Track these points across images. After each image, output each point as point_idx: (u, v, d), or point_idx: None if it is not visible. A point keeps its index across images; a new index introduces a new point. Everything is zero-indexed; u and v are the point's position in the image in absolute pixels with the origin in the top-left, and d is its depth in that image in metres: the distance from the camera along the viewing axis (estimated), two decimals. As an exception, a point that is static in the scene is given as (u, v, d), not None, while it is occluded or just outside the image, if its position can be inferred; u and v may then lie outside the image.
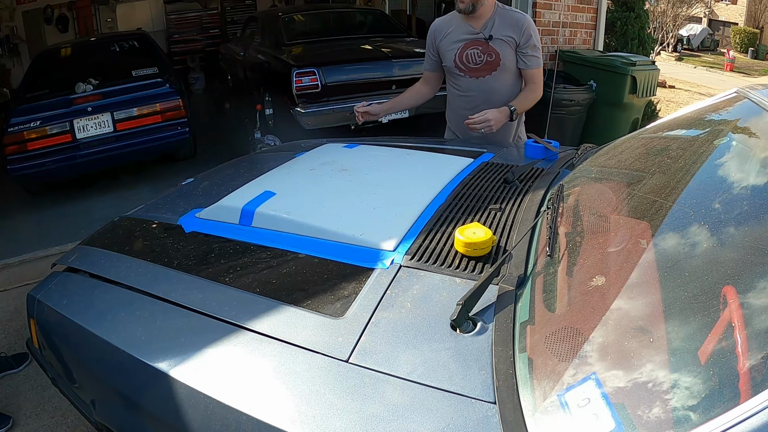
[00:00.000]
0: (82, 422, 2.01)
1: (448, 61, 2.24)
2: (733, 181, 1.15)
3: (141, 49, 5.13)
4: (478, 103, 2.20)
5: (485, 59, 2.17)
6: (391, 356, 0.98)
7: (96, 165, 4.39)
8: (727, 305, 0.79)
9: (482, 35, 2.15)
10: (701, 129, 1.56)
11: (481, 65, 2.18)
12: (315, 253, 1.32)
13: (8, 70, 7.87)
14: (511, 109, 2.13)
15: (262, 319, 1.12)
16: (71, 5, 8.70)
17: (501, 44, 2.14)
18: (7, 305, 2.95)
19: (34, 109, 4.10)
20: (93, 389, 1.33)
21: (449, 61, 2.23)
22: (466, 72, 2.21)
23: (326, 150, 2.04)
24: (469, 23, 2.17)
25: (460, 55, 2.20)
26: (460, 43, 2.19)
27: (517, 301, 1.05)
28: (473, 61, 2.19)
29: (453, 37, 2.21)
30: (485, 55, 2.16)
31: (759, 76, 17.09)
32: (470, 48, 2.18)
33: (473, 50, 2.17)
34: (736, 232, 0.98)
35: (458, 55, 2.20)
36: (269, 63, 5.06)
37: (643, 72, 4.44)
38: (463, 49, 2.19)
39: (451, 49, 2.22)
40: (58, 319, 1.36)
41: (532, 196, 1.46)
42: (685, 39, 22.37)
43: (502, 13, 2.16)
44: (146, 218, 1.71)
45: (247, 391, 0.99)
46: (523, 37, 2.13)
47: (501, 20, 2.14)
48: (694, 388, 0.72)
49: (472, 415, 0.85)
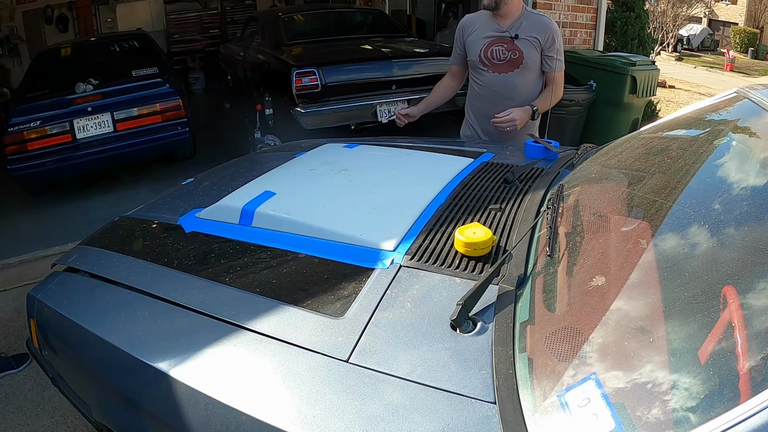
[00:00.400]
0: (82, 422, 2.01)
1: (473, 56, 2.31)
2: (733, 181, 1.15)
3: (141, 49, 5.13)
4: (499, 98, 2.28)
5: (509, 56, 2.24)
6: (391, 356, 0.98)
7: (96, 165, 4.39)
8: (727, 305, 0.79)
9: (508, 34, 2.23)
10: (701, 129, 1.56)
11: (504, 62, 2.26)
12: (315, 253, 1.32)
13: (8, 70, 7.85)
14: (533, 109, 2.23)
15: (262, 319, 1.12)
16: (71, 5, 8.69)
17: (526, 44, 2.22)
18: (7, 305, 2.95)
19: (34, 109, 4.09)
20: (93, 389, 1.33)
21: (474, 55, 2.30)
22: (489, 67, 2.29)
23: (326, 150, 2.04)
24: (496, 21, 2.26)
25: (485, 51, 2.27)
26: (486, 39, 2.27)
27: (517, 301, 1.05)
28: (497, 58, 2.26)
29: (480, 33, 2.29)
30: (509, 53, 2.24)
31: (759, 76, 17.09)
32: (495, 45, 2.25)
33: (498, 47, 2.25)
34: (736, 232, 0.98)
35: (483, 51, 2.27)
36: (269, 63, 5.05)
37: (643, 72, 4.44)
38: (488, 45, 2.27)
39: (477, 44, 2.29)
40: (58, 319, 1.36)
41: (532, 196, 1.46)
42: (685, 39, 22.37)
43: (529, 16, 2.25)
44: (146, 218, 1.71)
45: (247, 391, 0.99)
46: (548, 40, 2.22)
47: (528, 22, 2.23)
48: (694, 388, 0.72)
49: (472, 415, 0.85)
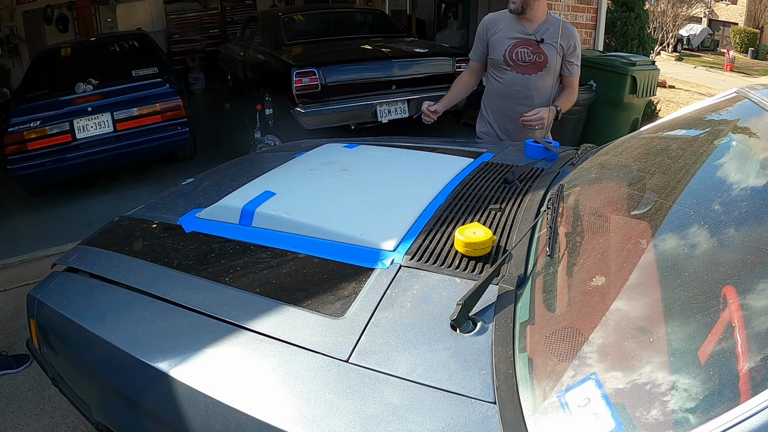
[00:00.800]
0: (82, 422, 2.01)
1: (497, 55, 2.36)
2: (733, 182, 1.15)
3: (141, 49, 5.13)
4: (520, 97, 2.35)
5: (534, 59, 2.31)
6: (391, 356, 0.98)
7: (96, 165, 4.39)
8: (727, 305, 0.79)
9: (534, 37, 2.30)
10: (701, 129, 1.56)
11: (529, 64, 2.32)
12: (315, 253, 1.32)
13: (8, 70, 7.85)
14: (557, 109, 2.31)
15: (262, 319, 1.12)
16: (71, 5, 8.69)
17: (550, 49, 2.30)
18: (7, 305, 2.95)
19: (34, 109, 4.09)
20: (93, 389, 1.33)
21: (498, 54, 2.36)
22: (513, 68, 2.35)
23: (326, 150, 2.04)
24: (522, 24, 2.32)
25: (510, 52, 2.33)
26: (512, 40, 2.33)
27: (517, 301, 1.05)
28: (522, 59, 2.32)
29: (505, 33, 2.35)
30: (534, 56, 2.31)
31: (759, 76, 17.09)
32: (521, 46, 2.32)
33: (524, 48, 2.32)
34: (736, 232, 0.98)
35: (509, 51, 2.33)
36: (269, 63, 5.05)
37: (643, 72, 4.44)
38: (514, 46, 2.33)
39: (502, 44, 2.35)
40: (58, 319, 1.36)
41: (532, 196, 1.46)
42: (685, 39, 22.36)
43: (554, 22, 2.32)
44: (146, 218, 1.71)
45: (247, 391, 0.99)
46: (571, 47, 2.33)
47: (554, 28, 2.30)
48: (694, 388, 0.72)
49: (472, 415, 0.85)
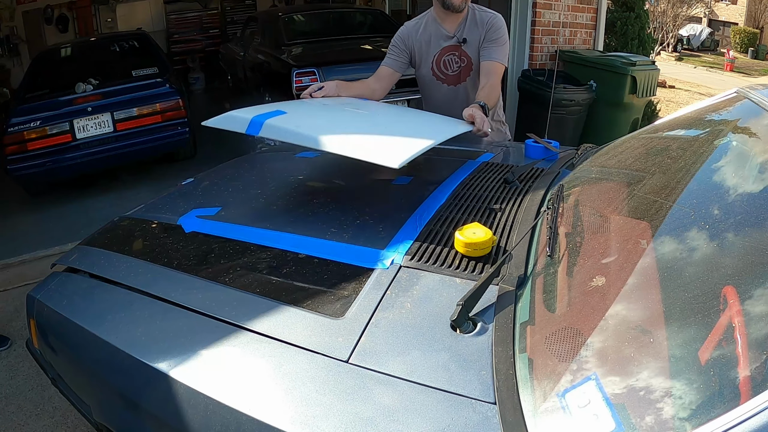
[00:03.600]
0: (82, 422, 2.01)
1: (425, 70, 2.15)
2: (734, 182, 1.15)
3: (141, 49, 5.14)
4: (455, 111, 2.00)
5: (460, 65, 2.12)
6: (391, 357, 0.98)
7: (96, 165, 4.39)
8: (728, 306, 0.79)
9: (456, 39, 2.10)
10: (701, 129, 1.56)
11: (457, 72, 2.14)
12: (315, 253, 1.32)
13: (8, 70, 7.86)
14: (481, 105, 1.90)
15: (262, 320, 1.12)
16: (71, 5, 8.69)
17: (471, 47, 2.09)
18: (7, 305, 2.95)
19: (34, 109, 4.10)
20: (93, 390, 1.33)
21: (426, 68, 2.14)
22: (444, 80, 2.16)
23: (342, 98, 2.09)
24: (443, 26, 2.11)
25: (437, 63, 2.14)
26: (436, 49, 2.13)
27: (517, 302, 1.05)
28: (450, 69, 2.13)
29: (429, 44, 2.13)
30: (460, 61, 2.12)
31: (759, 76, 17.08)
32: (446, 55, 2.12)
33: (449, 56, 2.12)
34: (736, 232, 0.98)
35: (435, 63, 2.14)
36: (269, 63, 5.05)
37: (643, 72, 4.44)
38: (439, 56, 2.13)
39: (427, 56, 2.14)
40: (58, 319, 1.36)
41: (532, 196, 1.46)
42: (685, 39, 22.36)
43: (473, 15, 2.10)
44: (146, 218, 1.71)
45: (247, 391, 0.99)
46: (486, 32, 2.05)
47: (471, 21, 2.09)
48: (695, 388, 0.72)
49: (473, 415, 0.85)
